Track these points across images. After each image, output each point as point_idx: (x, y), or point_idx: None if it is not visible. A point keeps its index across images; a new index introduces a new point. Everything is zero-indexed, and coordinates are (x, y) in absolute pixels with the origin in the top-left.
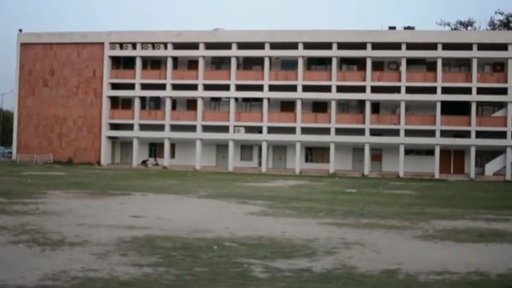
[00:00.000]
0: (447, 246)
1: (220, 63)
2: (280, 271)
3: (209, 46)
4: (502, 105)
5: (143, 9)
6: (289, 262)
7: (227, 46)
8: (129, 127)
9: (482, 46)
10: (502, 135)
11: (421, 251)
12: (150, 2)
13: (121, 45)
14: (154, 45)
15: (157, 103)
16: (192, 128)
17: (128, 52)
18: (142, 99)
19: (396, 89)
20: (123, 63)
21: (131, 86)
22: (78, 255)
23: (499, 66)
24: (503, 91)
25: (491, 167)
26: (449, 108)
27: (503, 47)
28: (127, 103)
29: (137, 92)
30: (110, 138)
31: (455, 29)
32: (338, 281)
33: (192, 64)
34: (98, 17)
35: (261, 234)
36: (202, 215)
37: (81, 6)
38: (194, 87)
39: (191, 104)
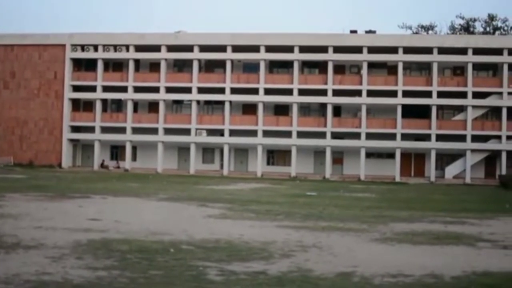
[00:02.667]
0: (404, 249)
1: (182, 66)
2: (235, 274)
3: (171, 48)
4: (462, 108)
5: (106, 11)
6: (245, 265)
7: (189, 48)
8: (91, 129)
9: (442, 50)
10: (462, 138)
11: (378, 254)
12: (113, 4)
13: (83, 47)
14: (116, 47)
15: (119, 105)
16: (154, 131)
17: (89, 54)
18: (104, 101)
19: (358, 93)
20: (85, 65)
21: (92, 88)
22: (33, 258)
23: (459, 70)
24: (463, 95)
25: (451, 170)
26: (409, 112)
27: (463, 51)
28: (88, 106)
29: (99, 94)
30: (72, 140)
31: (416, 33)
32: (293, 284)
33: (154, 66)
34: (60, 18)
35: (219, 237)
36: (161, 218)
37: (42, 8)
38: (156, 89)
39: (153, 106)
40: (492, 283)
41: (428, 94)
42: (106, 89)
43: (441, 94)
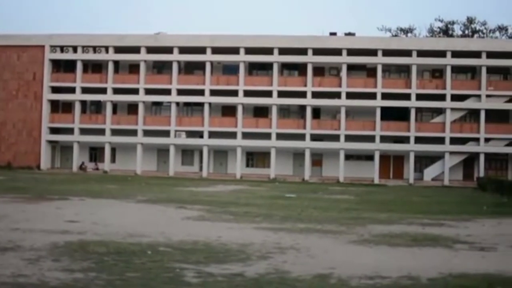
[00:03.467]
0: (381, 251)
1: (161, 68)
2: (212, 276)
3: (151, 50)
4: (440, 111)
5: (85, 12)
6: (222, 267)
7: (168, 50)
8: (70, 131)
9: (421, 53)
10: (440, 140)
11: (355, 256)
12: (93, 6)
13: (62, 48)
14: (95, 48)
15: (98, 107)
16: (133, 133)
17: (69, 56)
18: (83, 103)
19: (337, 95)
20: (64, 67)
21: (71, 90)
22: (9, 260)
23: (438, 73)
24: (442, 98)
25: (429, 172)
26: (388, 114)
27: (442, 54)
28: (67, 107)
29: (78, 96)
30: (50, 142)
31: (396, 35)
32: (270, 285)
33: (134, 68)
34: (39, 19)
35: (197, 239)
36: (139, 220)
37: (21, 9)
38: (135, 91)
39: (132, 108)
40: (468, 284)
41: (407, 97)
42: (85, 90)
43: (420, 97)
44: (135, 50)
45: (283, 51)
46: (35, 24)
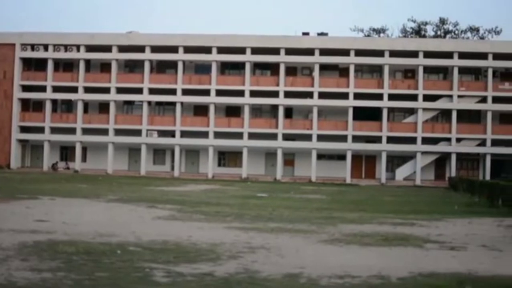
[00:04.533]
0: (352, 250)
1: (133, 66)
2: (182, 275)
3: (123, 49)
4: (412, 111)
5: (56, 10)
6: (192, 267)
7: (140, 49)
8: (40, 130)
9: (394, 53)
10: (412, 140)
11: (325, 255)
12: (63, 4)
13: (33, 47)
14: (66, 47)
15: (69, 106)
16: (104, 132)
17: (39, 54)
18: (54, 101)
19: (309, 94)
20: (35, 65)
21: (42, 89)
22: None
23: (410, 73)
24: (414, 98)
25: (401, 172)
26: (361, 114)
27: (414, 54)
28: (38, 106)
29: (49, 94)
30: (20, 141)
31: (368, 35)
32: (240, 285)
33: (105, 67)
34: (10, 17)
35: (167, 239)
36: (109, 220)
37: None
38: (106, 90)
39: (104, 107)
40: (438, 284)
41: (379, 97)
42: (56, 89)
43: (392, 97)
44: (107, 49)
45: (255, 50)
46: (6, 22)
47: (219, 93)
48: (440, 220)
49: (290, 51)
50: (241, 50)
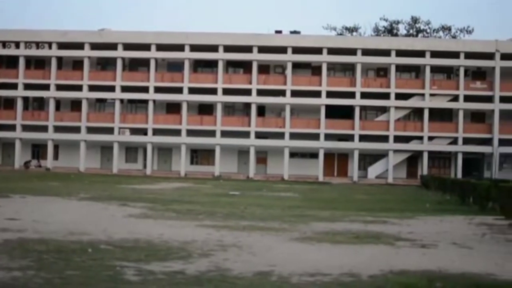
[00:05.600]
0: (323, 248)
1: (105, 64)
2: (153, 273)
3: (95, 46)
4: (385, 109)
5: (28, 8)
6: (163, 265)
7: (113, 47)
8: (11, 127)
9: (366, 52)
10: (384, 139)
11: (297, 253)
12: (36, 1)
13: (4, 44)
14: (38, 44)
15: (41, 103)
16: (77, 130)
17: (11, 51)
18: (25, 99)
19: (282, 93)
20: (6, 62)
21: (13, 86)
22: None
23: (382, 72)
24: (386, 96)
25: (373, 170)
26: (333, 112)
27: (386, 53)
28: (9, 103)
29: (20, 92)
30: None
31: (341, 34)
32: (211, 283)
33: (77, 64)
34: None
35: (138, 237)
36: (80, 218)
37: None
38: (79, 87)
39: (76, 105)
40: (408, 281)
41: (351, 95)
42: (27, 86)
43: (364, 95)
44: (79, 46)
45: (228, 48)
46: None
47: (192, 91)
48: (411, 218)
49: (263, 49)
50: (213, 48)
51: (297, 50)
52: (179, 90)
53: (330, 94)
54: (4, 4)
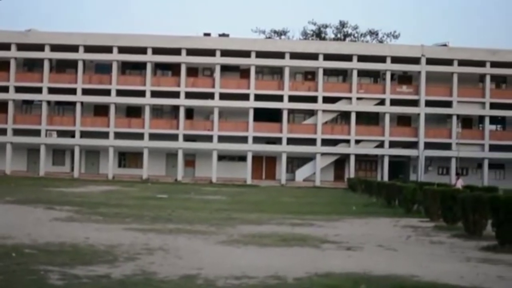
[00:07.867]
0: (250, 251)
1: (32, 65)
2: (77, 277)
3: (21, 47)
4: (312, 113)
5: None
6: (88, 269)
7: (40, 47)
8: None
9: (294, 55)
10: (312, 142)
11: (224, 256)
12: None
13: None
14: None
15: None
16: (2, 132)
17: None
18: None
19: (210, 95)
20: None
21: None
22: None
23: (310, 75)
24: (314, 99)
25: (301, 173)
26: (261, 115)
27: (314, 56)
28: None
29: None
30: None
31: (269, 37)
32: (136, 286)
33: (3, 65)
34: None
35: (63, 240)
36: (5, 222)
37: None
38: (5, 89)
39: (2, 106)
40: (333, 283)
41: (279, 98)
42: None
43: (292, 98)
44: (5, 47)
45: (156, 50)
46: None
47: (120, 93)
48: (338, 220)
49: (191, 52)
50: (142, 50)
51: (225, 53)
52: (107, 92)
53: (258, 97)
54: None
